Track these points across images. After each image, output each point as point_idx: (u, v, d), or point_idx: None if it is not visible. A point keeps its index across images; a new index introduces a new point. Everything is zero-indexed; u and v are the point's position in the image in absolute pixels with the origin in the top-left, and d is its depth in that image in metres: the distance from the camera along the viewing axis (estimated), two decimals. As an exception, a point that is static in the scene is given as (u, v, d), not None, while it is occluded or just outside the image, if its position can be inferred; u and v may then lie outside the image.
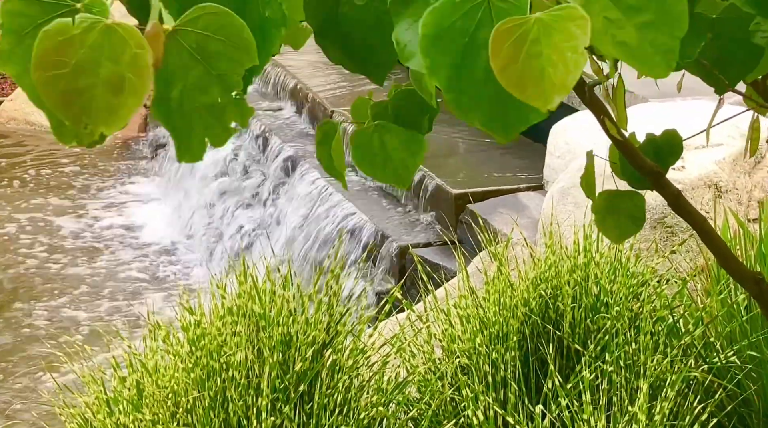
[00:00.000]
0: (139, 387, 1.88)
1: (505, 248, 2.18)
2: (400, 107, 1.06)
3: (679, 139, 1.30)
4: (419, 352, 2.10)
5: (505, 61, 0.64)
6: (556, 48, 0.63)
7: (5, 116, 6.52)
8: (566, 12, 0.63)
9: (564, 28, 0.63)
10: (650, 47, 0.69)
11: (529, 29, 0.63)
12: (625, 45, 0.68)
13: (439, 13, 0.68)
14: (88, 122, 0.62)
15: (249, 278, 1.94)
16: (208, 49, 0.66)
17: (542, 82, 0.63)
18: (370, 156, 1.06)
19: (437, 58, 0.69)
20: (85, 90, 0.61)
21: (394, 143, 1.06)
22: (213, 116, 0.68)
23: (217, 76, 0.66)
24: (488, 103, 0.70)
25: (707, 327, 2.05)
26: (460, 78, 0.69)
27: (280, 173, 4.54)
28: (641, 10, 0.68)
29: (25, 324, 4.17)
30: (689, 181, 2.73)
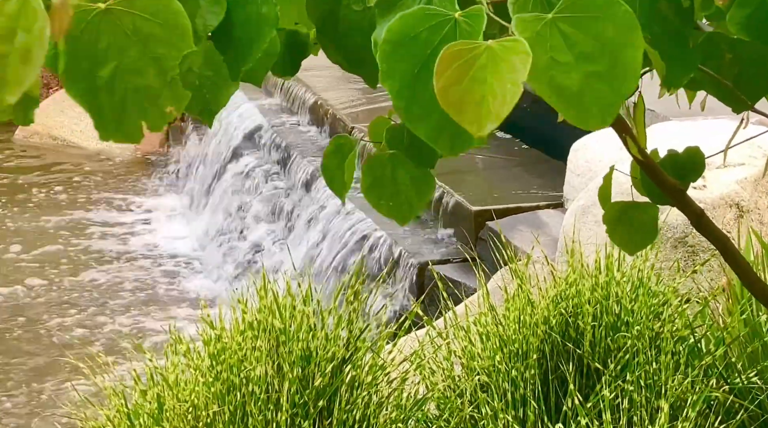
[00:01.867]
0: (159, 400, 1.89)
1: (526, 265, 2.18)
2: None
3: (702, 156, 1.30)
4: (439, 369, 2.10)
5: (448, 82, 0.64)
6: (499, 77, 0.63)
7: (28, 130, 6.59)
8: (513, 45, 0.64)
9: (509, 60, 0.63)
10: (591, 97, 0.68)
11: (478, 55, 0.64)
12: (564, 90, 0.68)
13: (407, 21, 0.69)
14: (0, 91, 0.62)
15: (269, 293, 1.95)
16: (144, 31, 0.66)
17: (481, 108, 0.64)
18: (380, 187, 1.06)
19: (394, 65, 0.70)
20: (2, 58, 0.62)
21: (404, 179, 1.06)
22: (148, 100, 0.68)
23: (153, 59, 0.67)
24: (438, 118, 0.70)
25: (729, 347, 2.04)
26: (414, 88, 0.70)
27: (300, 188, 4.56)
28: (594, 58, 0.67)
29: (46, 337, 4.20)
30: (710, 200, 2.72)
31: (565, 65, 0.67)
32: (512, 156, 4.21)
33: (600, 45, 0.67)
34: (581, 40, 0.67)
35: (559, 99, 0.68)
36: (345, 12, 0.87)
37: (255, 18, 0.80)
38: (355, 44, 0.88)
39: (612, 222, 1.31)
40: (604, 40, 0.67)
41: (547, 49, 0.67)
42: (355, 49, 0.89)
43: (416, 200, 1.07)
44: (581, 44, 0.67)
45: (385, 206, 1.06)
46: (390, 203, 1.06)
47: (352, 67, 0.91)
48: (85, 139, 6.50)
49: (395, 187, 1.06)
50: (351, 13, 0.87)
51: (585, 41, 0.67)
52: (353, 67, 0.91)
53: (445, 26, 0.68)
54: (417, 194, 1.07)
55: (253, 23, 0.78)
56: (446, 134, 0.71)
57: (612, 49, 0.67)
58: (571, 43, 0.67)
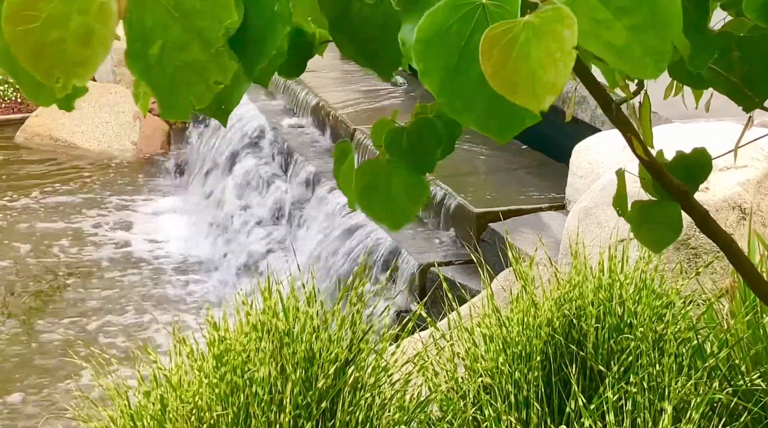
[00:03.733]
0: (162, 401, 1.89)
1: (530, 267, 2.18)
2: (415, 136, 1.07)
3: (709, 157, 1.30)
4: (442, 371, 2.09)
5: (495, 66, 0.64)
6: (545, 50, 0.63)
7: (30, 131, 6.59)
8: (554, 13, 0.63)
9: (552, 30, 0.63)
10: (640, 49, 0.68)
11: (518, 33, 0.63)
12: (613, 46, 0.68)
13: (436, 17, 0.69)
14: (60, 76, 0.62)
15: (273, 295, 1.95)
16: (185, 6, 0.66)
17: (533, 84, 0.64)
18: (372, 192, 1.06)
19: (431, 63, 0.70)
20: (57, 43, 0.61)
21: (398, 186, 1.06)
22: (195, 73, 0.68)
23: (196, 33, 0.67)
24: (484, 106, 0.70)
25: (732, 349, 2.04)
26: (453, 81, 0.70)
27: (301, 189, 4.56)
28: (631, 11, 0.68)
29: (50, 337, 4.20)
30: (713, 202, 2.72)
31: (606, 22, 0.67)
32: (514, 158, 4.21)
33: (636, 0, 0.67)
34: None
35: (614, 56, 0.68)
36: (358, 6, 0.87)
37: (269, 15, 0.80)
38: (369, 38, 0.88)
39: (635, 221, 1.31)
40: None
41: (586, 11, 0.67)
42: (369, 43, 0.89)
43: (409, 207, 1.07)
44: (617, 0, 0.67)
45: (377, 211, 1.07)
46: (382, 208, 1.06)
47: (366, 61, 0.91)
48: (86, 140, 6.50)
49: (388, 193, 1.06)
50: (364, 8, 0.87)
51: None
52: (367, 61, 0.91)
53: (475, 14, 0.68)
54: (410, 201, 1.07)
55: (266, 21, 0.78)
56: (495, 120, 0.71)
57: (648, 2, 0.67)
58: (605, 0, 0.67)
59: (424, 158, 1.08)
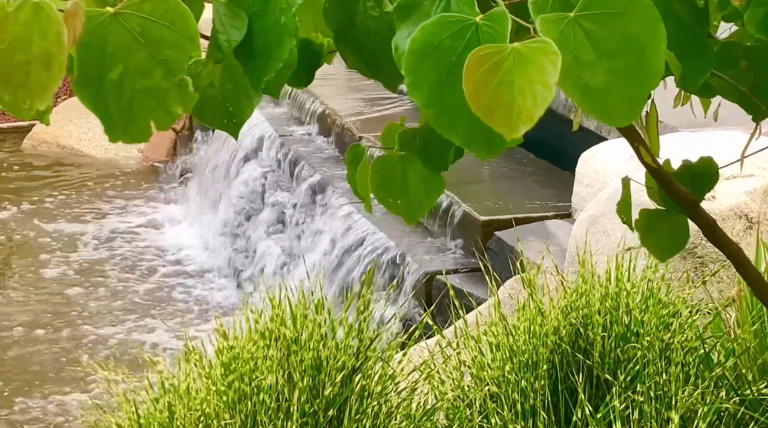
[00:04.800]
0: (170, 409, 1.89)
1: (536, 276, 2.18)
2: (428, 137, 1.08)
3: (716, 166, 1.30)
4: (448, 379, 2.10)
5: (477, 86, 0.65)
6: (528, 79, 0.63)
7: (37, 138, 6.61)
8: (541, 46, 0.64)
9: (537, 61, 0.63)
10: (616, 94, 0.68)
11: (504, 58, 0.64)
12: (589, 89, 0.68)
13: (430, 30, 0.70)
14: (26, 97, 0.63)
15: (282, 302, 1.96)
16: (152, 34, 0.67)
17: (511, 110, 0.64)
18: (389, 184, 1.07)
19: (420, 76, 0.70)
20: (21, 66, 0.63)
21: (414, 178, 1.06)
22: (155, 99, 0.69)
23: (160, 61, 0.68)
24: (469, 123, 0.71)
25: (739, 359, 2.04)
26: (442, 96, 0.70)
27: (307, 197, 4.57)
28: (617, 55, 0.67)
29: (56, 343, 4.21)
30: (719, 211, 2.72)
31: (589, 64, 0.67)
32: (520, 166, 4.21)
33: (624, 42, 0.67)
34: (604, 38, 0.67)
35: (585, 98, 0.68)
36: (362, 18, 0.88)
37: (274, 28, 0.80)
38: (374, 49, 0.89)
39: (643, 229, 1.31)
40: (627, 36, 0.67)
41: (571, 48, 0.67)
42: (374, 54, 0.89)
43: (425, 200, 1.08)
44: (605, 42, 0.67)
45: (393, 204, 1.07)
46: (398, 201, 1.06)
47: (371, 71, 0.91)
48: (93, 148, 6.52)
49: (404, 186, 1.06)
50: (369, 19, 0.88)
51: (608, 39, 0.67)
52: (373, 72, 0.92)
53: (467, 32, 0.68)
54: (426, 193, 1.07)
55: (272, 34, 0.79)
56: (479, 137, 0.71)
57: (636, 45, 0.67)
58: (594, 41, 0.67)
59: (438, 156, 1.08)
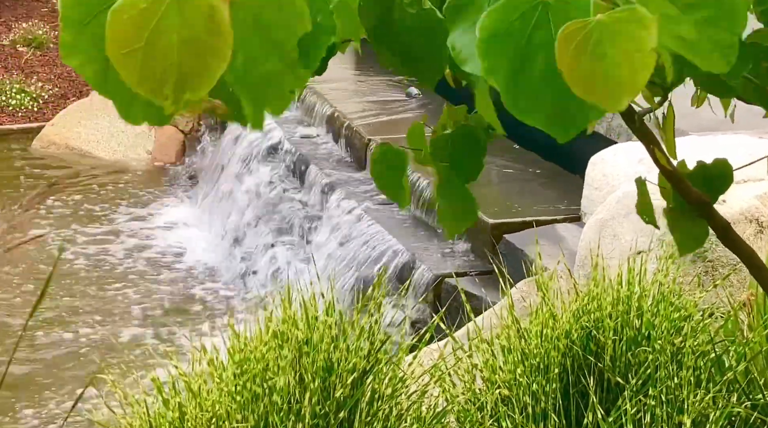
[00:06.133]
0: (181, 409, 1.89)
1: (550, 279, 2.18)
2: (458, 144, 1.09)
3: (730, 168, 1.30)
4: (459, 382, 2.10)
5: (570, 64, 0.64)
6: (621, 49, 0.62)
7: (46, 140, 6.63)
8: (629, 13, 0.63)
9: (626, 30, 0.63)
10: (708, 43, 0.69)
11: (590, 32, 0.63)
12: (684, 40, 0.68)
13: (497, 15, 0.69)
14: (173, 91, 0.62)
15: (293, 304, 1.96)
16: (264, 19, 0.66)
17: (609, 83, 0.63)
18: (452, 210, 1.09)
19: (495, 60, 0.69)
20: (163, 59, 0.61)
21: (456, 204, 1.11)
22: (272, 85, 0.69)
23: (273, 44, 0.67)
24: (547, 105, 0.70)
25: (751, 363, 2.03)
26: (517, 80, 0.69)
27: (316, 200, 4.57)
28: (699, 6, 0.68)
29: (68, 343, 4.21)
30: (730, 215, 2.71)
31: (675, 18, 0.67)
32: (529, 169, 4.21)
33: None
34: None
35: (686, 50, 0.68)
36: (400, 15, 0.87)
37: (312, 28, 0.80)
38: (411, 46, 0.88)
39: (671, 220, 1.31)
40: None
41: (655, 7, 0.66)
42: (411, 51, 0.89)
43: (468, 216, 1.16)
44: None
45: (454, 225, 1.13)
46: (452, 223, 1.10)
47: (408, 69, 0.91)
48: (102, 149, 6.54)
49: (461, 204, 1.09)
50: (406, 16, 0.87)
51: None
52: (409, 70, 0.91)
53: (535, 12, 0.67)
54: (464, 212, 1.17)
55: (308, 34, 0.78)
56: (559, 119, 0.70)
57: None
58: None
59: (470, 163, 1.09)
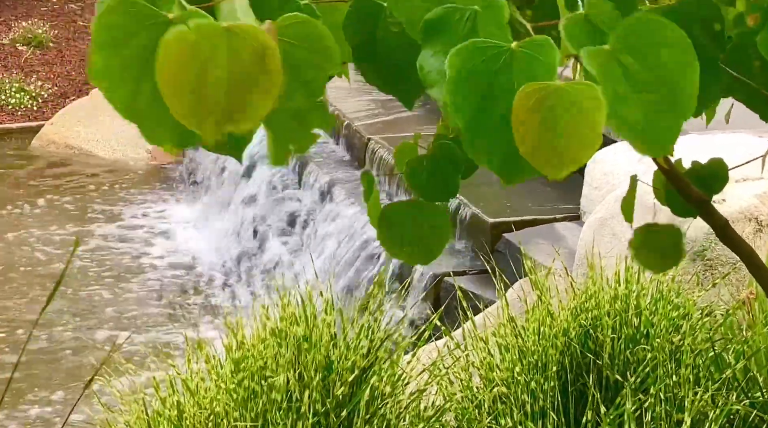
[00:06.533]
0: (179, 407, 1.89)
1: (546, 277, 2.18)
2: (435, 163, 1.08)
3: (725, 168, 1.30)
4: (457, 380, 2.10)
5: (522, 124, 0.63)
6: (573, 121, 0.62)
7: (45, 139, 6.63)
8: (585, 88, 0.62)
9: (580, 103, 0.62)
10: (651, 130, 0.67)
11: (547, 96, 0.62)
12: (627, 122, 0.67)
13: (464, 54, 0.69)
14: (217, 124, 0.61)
15: (292, 302, 1.96)
16: (295, 57, 0.66)
17: (554, 151, 0.63)
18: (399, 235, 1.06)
19: (461, 99, 0.69)
20: (212, 93, 0.61)
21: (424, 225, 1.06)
22: (297, 121, 0.69)
23: (302, 83, 0.67)
24: (502, 149, 0.70)
25: (749, 361, 2.03)
26: (478, 121, 0.70)
27: (316, 199, 4.57)
28: (652, 88, 0.66)
29: (65, 343, 4.21)
30: (729, 214, 2.71)
31: (624, 97, 0.66)
32: (528, 169, 4.21)
33: (658, 74, 0.66)
34: (639, 70, 0.65)
35: (627, 132, 0.67)
36: (383, 34, 0.87)
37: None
38: (393, 65, 0.88)
39: (636, 247, 1.31)
40: (661, 68, 0.66)
41: (610, 82, 0.65)
42: (392, 71, 0.89)
43: (436, 245, 1.07)
44: (639, 74, 0.66)
45: (406, 252, 1.06)
46: (411, 249, 1.06)
47: (388, 87, 0.91)
48: (101, 149, 6.53)
49: (417, 233, 1.06)
50: (389, 35, 0.87)
51: (643, 71, 0.66)
52: (390, 88, 0.91)
53: (501, 57, 0.67)
54: (437, 239, 1.07)
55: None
56: (511, 166, 0.70)
57: (670, 76, 0.66)
58: (629, 73, 0.65)
59: (447, 184, 1.08)
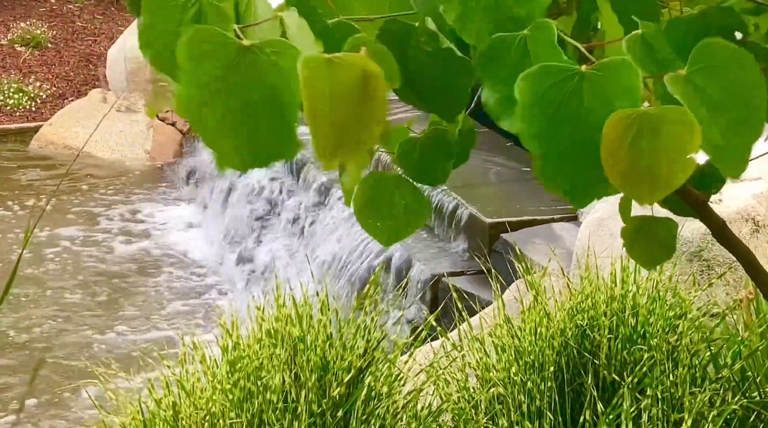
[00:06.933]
0: (175, 408, 1.89)
1: (542, 278, 2.17)
2: (428, 148, 1.06)
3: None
4: (453, 380, 2.09)
5: (611, 151, 0.63)
6: (663, 147, 0.61)
7: (44, 140, 6.62)
8: (676, 112, 0.61)
9: (671, 129, 0.61)
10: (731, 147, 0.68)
11: (634, 122, 0.62)
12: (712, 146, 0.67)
13: (531, 79, 0.69)
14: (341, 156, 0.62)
15: (287, 302, 1.96)
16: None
17: (645, 178, 0.63)
18: (374, 207, 1.04)
19: (535, 128, 0.70)
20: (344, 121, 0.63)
21: (399, 204, 1.04)
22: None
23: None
24: (571, 173, 0.71)
25: (746, 361, 2.03)
26: (549, 145, 0.71)
27: (313, 199, 4.56)
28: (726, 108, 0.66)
29: (62, 343, 4.21)
30: (726, 214, 2.71)
31: (703, 119, 0.66)
32: (527, 169, 4.21)
33: (730, 92, 0.66)
34: (714, 92, 0.66)
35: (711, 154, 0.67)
36: (414, 53, 0.86)
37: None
38: (428, 85, 0.87)
39: (630, 236, 1.30)
40: (733, 87, 0.66)
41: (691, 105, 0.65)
42: (428, 90, 0.88)
43: (404, 227, 1.05)
44: (714, 95, 0.66)
45: (372, 225, 1.04)
46: (378, 223, 1.04)
47: (426, 106, 0.90)
48: (100, 149, 6.53)
49: (389, 210, 1.04)
50: (421, 54, 0.86)
51: (717, 92, 0.66)
52: (428, 107, 0.90)
53: (570, 82, 0.68)
54: (407, 221, 1.05)
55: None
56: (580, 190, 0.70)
57: (741, 94, 0.66)
58: (705, 95, 0.66)
59: (436, 170, 1.07)
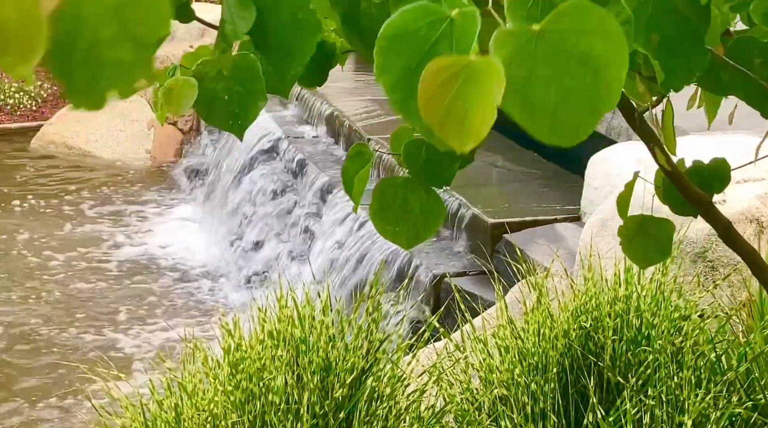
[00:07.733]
0: (176, 410, 1.88)
1: (545, 278, 2.17)
2: (434, 150, 1.07)
3: (727, 167, 1.29)
4: (456, 381, 2.08)
5: (431, 98, 0.64)
6: (481, 96, 0.62)
7: (45, 139, 6.62)
8: (488, 65, 0.63)
9: (485, 81, 0.62)
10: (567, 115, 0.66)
11: (459, 71, 0.63)
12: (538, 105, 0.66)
13: (407, 17, 0.70)
14: None
15: (290, 303, 1.95)
16: (125, 13, 0.67)
17: (462, 126, 0.63)
18: (389, 212, 1.05)
19: (390, 59, 0.70)
20: None
21: (415, 206, 1.04)
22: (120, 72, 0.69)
23: (130, 37, 0.68)
24: None
25: (751, 364, 2.02)
26: (410, 82, 0.70)
27: (315, 199, 4.56)
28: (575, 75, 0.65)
29: (62, 346, 4.20)
30: (730, 215, 2.70)
31: (544, 79, 0.65)
32: (529, 169, 4.20)
33: (584, 61, 0.65)
34: (565, 56, 0.65)
35: (531, 115, 0.67)
36: (366, 6, 0.89)
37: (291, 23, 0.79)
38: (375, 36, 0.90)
39: (628, 236, 1.30)
40: (589, 56, 0.65)
41: (528, 63, 0.65)
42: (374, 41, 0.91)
43: (423, 229, 1.06)
44: (565, 60, 0.65)
45: (391, 231, 1.05)
46: (396, 228, 1.05)
47: (370, 54, 0.93)
48: (100, 148, 6.52)
49: (405, 213, 1.04)
50: (371, 7, 0.89)
51: (570, 57, 0.65)
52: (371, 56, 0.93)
53: (441, 24, 0.68)
54: (425, 223, 1.06)
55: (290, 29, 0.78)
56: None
57: (596, 66, 0.65)
58: (554, 57, 0.65)
59: (443, 171, 1.07)
